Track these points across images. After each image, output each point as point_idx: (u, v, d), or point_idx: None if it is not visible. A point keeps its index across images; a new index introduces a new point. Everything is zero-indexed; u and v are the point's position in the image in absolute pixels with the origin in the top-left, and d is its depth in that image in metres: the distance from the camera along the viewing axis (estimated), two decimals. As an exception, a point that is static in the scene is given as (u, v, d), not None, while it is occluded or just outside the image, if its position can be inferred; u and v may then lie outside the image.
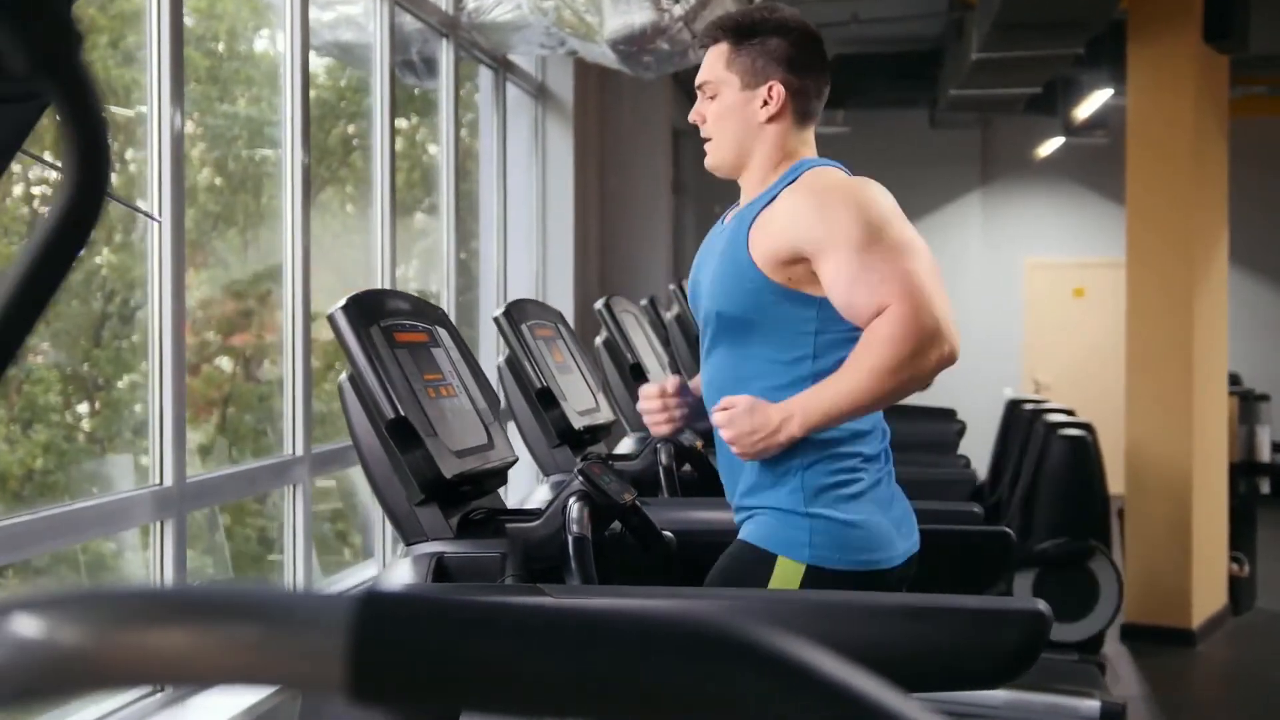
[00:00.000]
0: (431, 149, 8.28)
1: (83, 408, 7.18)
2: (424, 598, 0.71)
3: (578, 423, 3.56)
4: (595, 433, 3.74)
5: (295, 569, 4.58)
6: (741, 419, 2.47)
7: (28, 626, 0.62)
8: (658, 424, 2.76)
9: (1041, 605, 2.10)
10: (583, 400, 3.70)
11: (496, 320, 3.53)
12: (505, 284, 7.31)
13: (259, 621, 0.66)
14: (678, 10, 5.93)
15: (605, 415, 3.84)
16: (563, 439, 3.55)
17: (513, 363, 3.52)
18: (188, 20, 3.68)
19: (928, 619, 2.12)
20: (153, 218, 3.29)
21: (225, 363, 8.26)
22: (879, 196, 2.49)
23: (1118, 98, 9.31)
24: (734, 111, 2.62)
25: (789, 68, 2.60)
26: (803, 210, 2.47)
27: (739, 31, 2.63)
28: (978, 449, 8.32)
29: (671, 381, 2.77)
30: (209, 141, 7.86)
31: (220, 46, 7.95)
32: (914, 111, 12.55)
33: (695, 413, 2.78)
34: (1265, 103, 11.64)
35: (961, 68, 8.22)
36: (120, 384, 7.22)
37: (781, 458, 2.48)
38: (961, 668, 2.12)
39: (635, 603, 2.15)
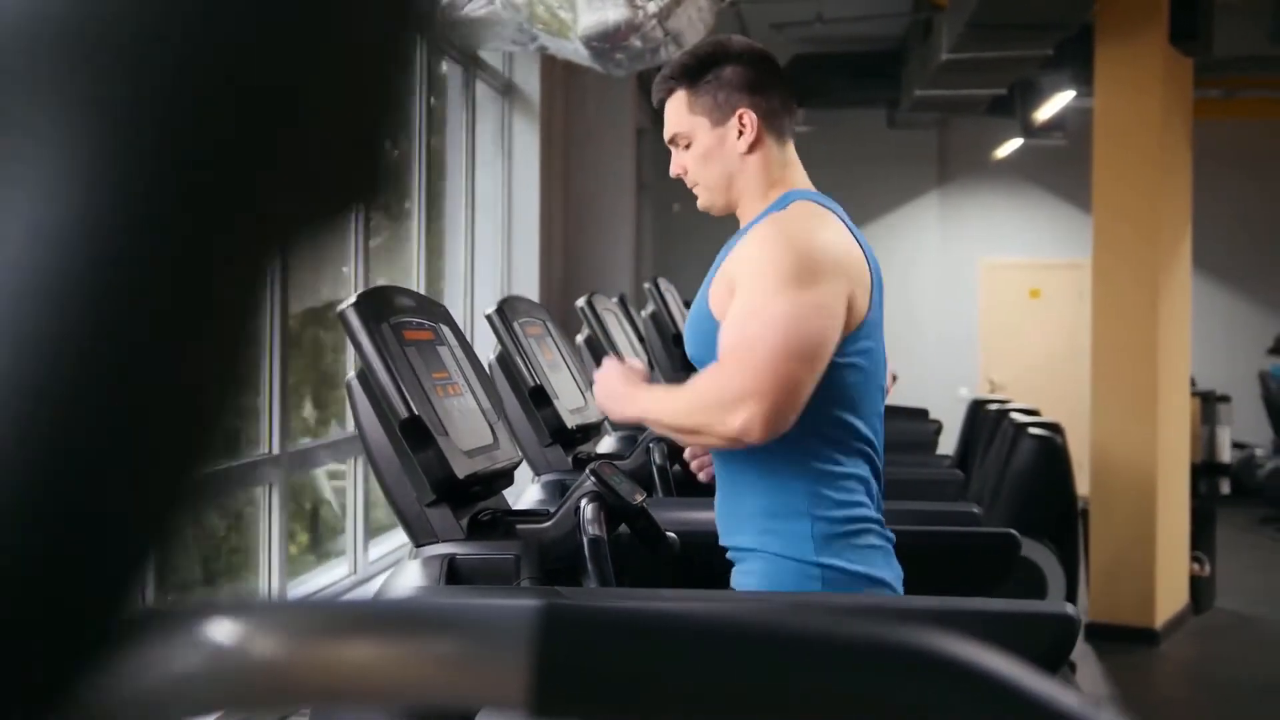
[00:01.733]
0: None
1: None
2: (604, 607, 0.68)
3: (570, 421, 3.52)
4: (586, 432, 3.71)
5: (270, 570, 4.52)
6: (613, 374, 2.52)
7: (225, 633, 0.59)
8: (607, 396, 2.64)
9: (1070, 609, 2.08)
10: (573, 399, 3.67)
11: (489, 318, 3.49)
12: (472, 281, 7.26)
13: (451, 635, 0.63)
14: (652, 7, 5.90)
15: (594, 414, 3.80)
16: (554, 438, 3.51)
17: (504, 360, 3.48)
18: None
19: (956, 622, 2.09)
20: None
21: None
22: (822, 250, 2.39)
23: (1076, 100, 9.37)
24: (713, 151, 2.54)
25: (752, 91, 2.53)
26: (748, 245, 2.42)
27: (691, 73, 2.56)
28: (940, 447, 8.35)
29: (635, 363, 2.68)
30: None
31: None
32: (872, 111, 12.58)
33: None
34: (1220, 105, 11.74)
35: (928, 68, 8.23)
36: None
37: (789, 501, 2.42)
38: (988, 671, 2.10)
39: (690, 606, 2.12)
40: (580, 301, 4.53)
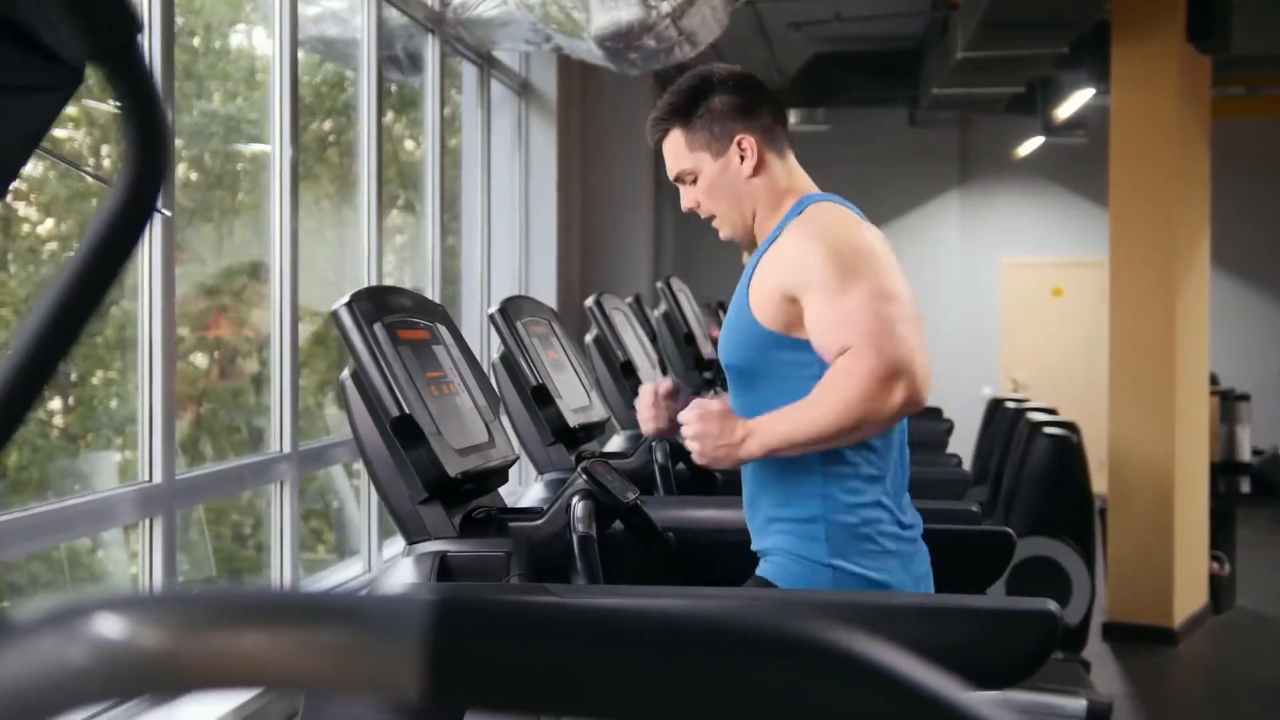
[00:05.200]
0: (408, 145, 8.26)
1: (55, 404, 7.13)
2: (500, 600, 0.69)
3: (572, 420, 3.54)
4: (589, 430, 3.72)
5: (282, 567, 4.55)
6: (709, 421, 2.46)
7: (110, 627, 0.61)
8: (645, 422, 2.80)
9: (1053, 605, 2.08)
10: (577, 398, 3.68)
11: (492, 317, 3.51)
12: (489, 280, 7.28)
13: (339, 625, 0.65)
14: (665, 7, 5.91)
15: (599, 413, 3.82)
16: (557, 437, 3.53)
17: (507, 359, 3.50)
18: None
19: (940, 619, 2.11)
20: (162, 212, 3.26)
21: (200, 359, 8.21)
22: (866, 239, 2.47)
23: (1097, 98, 9.34)
24: (719, 182, 2.60)
25: (744, 116, 2.59)
26: (790, 250, 2.46)
27: (681, 111, 2.61)
28: (958, 446, 8.34)
29: (664, 385, 2.79)
30: (186, 138, 7.80)
31: (196, 42, 7.90)
32: (894, 110, 12.56)
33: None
34: (1243, 103, 11.69)
35: (945, 66, 8.22)
36: (95, 380, 7.18)
37: (805, 504, 2.46)
38: (974, 668, 2.11)
39: (659, 603, 2.13)
40: (589, 301, 4.55)
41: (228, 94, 8.16)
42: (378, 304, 2.47)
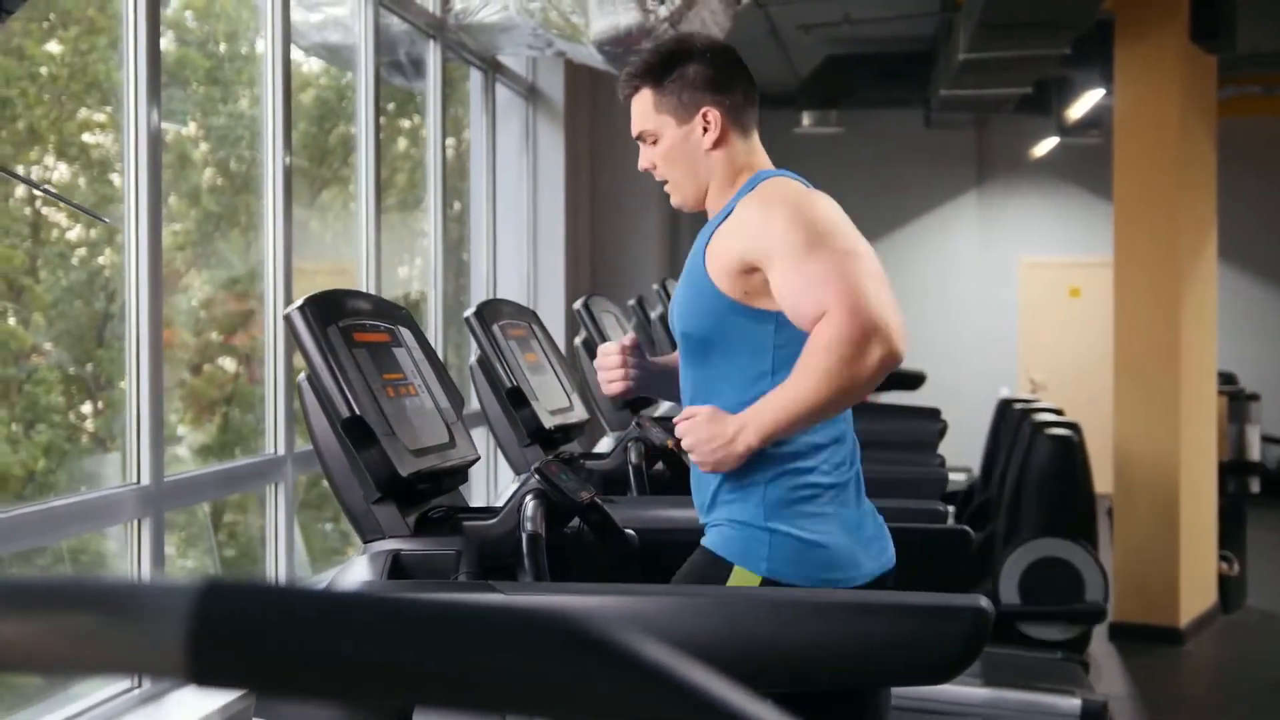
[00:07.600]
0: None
1: (86, 408, 7.20)
2: (265, 587, 0.73)
3: (549, 422, 3.58)
4: (567, 432, 3.76)
5: (278, 567, 4.61)
6: (700, 427, 2.48)
7: None
8: (611, 381, 2.82)
9: (983, 601, 2.12)
10: (555, 400, 3.72)
11: (467, 320, 3.55)
12: (495, 284, 7.34)
13: (98, 610, 0.69)
14: (663, 11, 5.95)
15: (579, 415, 3.86)
16: (534, 438, 3.57)
17: (484, 362, 3.54)
18: (188, 21, 3.72)
19: (873, 615, 2.14)
20: (100, 218, 3.32)
21: (228, 363, 8.28)
22: (825, 206, 2.50)
23: (1110, 97, 9.33)
24: (679, 149, 2.63)
25: (715, 89, 2.61)
26: (751, 220, 2.49)
27: (655, 73, 2.63)
28: (974, 448, 8.36)
29: (629, 338, 2.83)
30: (212, 143, 7.87)
31: (221, 48, 7.97)
32: (909, 112, 12.56)
33: (650, 380, 2.85)
34: (1258, 102, 11.64)
35: (951, 68, 8.24)
36: (123, 384, 7.25)
37: (744, 472, 2.49)
38: (906, 663, 2.15)
39: (560, 599, 2.18)
40: (577, 304, 4.59)
41: (254, 99, 8.23)
42: (333, 308, 2.52)
